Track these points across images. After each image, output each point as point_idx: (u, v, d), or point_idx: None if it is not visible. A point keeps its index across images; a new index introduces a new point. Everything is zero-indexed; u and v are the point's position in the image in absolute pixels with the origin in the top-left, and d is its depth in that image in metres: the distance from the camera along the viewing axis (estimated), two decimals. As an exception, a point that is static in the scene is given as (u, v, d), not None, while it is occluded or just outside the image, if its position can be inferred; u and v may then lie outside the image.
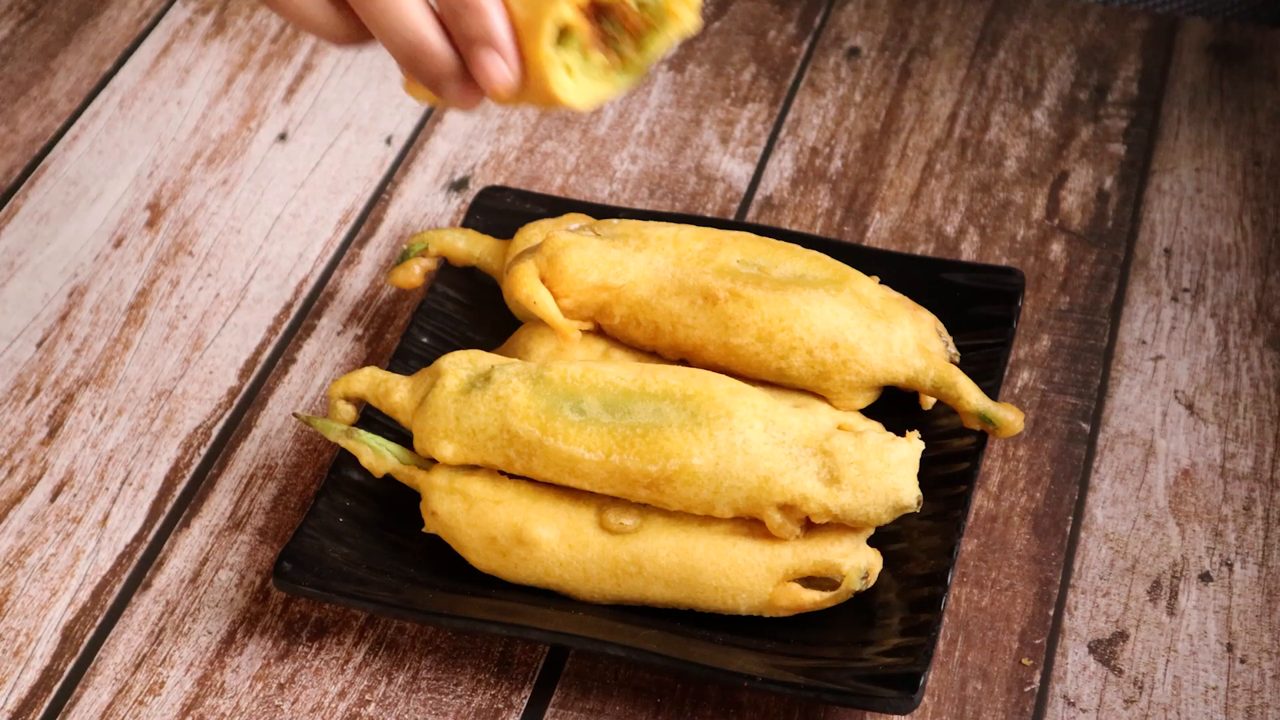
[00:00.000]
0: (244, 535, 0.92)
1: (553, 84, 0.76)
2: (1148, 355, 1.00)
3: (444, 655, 0.86)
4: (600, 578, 0.84)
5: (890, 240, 1.06)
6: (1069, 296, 1.03)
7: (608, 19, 0.78)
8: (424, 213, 1.09)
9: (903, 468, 0.83)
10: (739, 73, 1.19)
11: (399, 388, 0.88)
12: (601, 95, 0.78)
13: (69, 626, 0.88)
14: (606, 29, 0.78)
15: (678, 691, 0.85)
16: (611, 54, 0.78)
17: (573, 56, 0.77)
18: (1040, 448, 0.95)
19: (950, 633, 0.87)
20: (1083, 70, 1.18)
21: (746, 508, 0.83)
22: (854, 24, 1.22)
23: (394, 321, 1.02)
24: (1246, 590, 0.89)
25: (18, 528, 0.92)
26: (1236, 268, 1.05)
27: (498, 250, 0.98)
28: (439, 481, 0.86)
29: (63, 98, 1.17)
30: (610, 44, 0.78)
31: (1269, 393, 0.98)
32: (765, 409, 0.84)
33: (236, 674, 0.86)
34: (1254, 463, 0.94)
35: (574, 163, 1.12)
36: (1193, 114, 1.15)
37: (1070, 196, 1.09)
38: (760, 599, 0.84)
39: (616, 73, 0.79)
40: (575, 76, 0.78)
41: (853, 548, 0.84)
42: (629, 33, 0.78)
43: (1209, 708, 0.84)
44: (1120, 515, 0.92)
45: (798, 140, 1.13)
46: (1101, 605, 0.88)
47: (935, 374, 0.89)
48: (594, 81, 0.78)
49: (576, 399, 0.84)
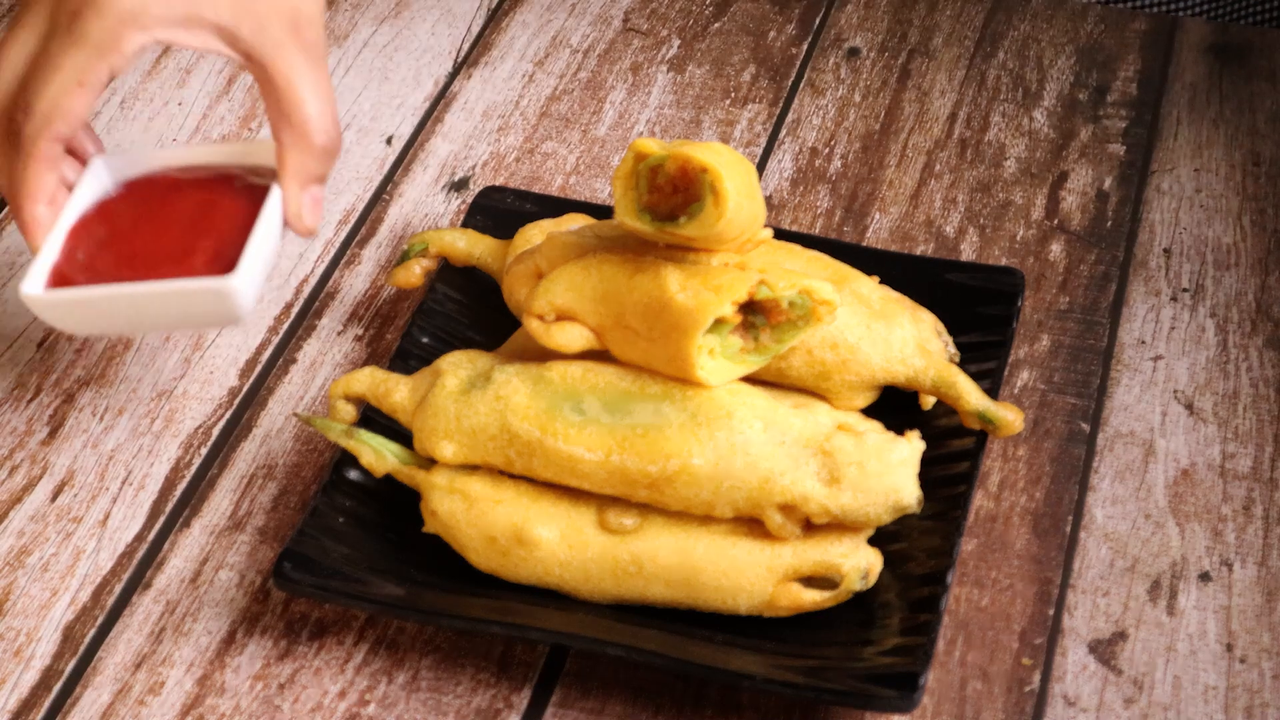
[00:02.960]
0: (244, 535, 0.92)
1: (696, 367, 0.83)
2: (1147, 355, 1.00)
3: (444, 655, 0.86)
4: (600, 578, 0.84)
5: (890, 240, 1.06)
6: (1069, 296, 1.03)
7: (755, 310, 0.84)
8: (424, 213, 1.09)
9: (903, 468, 0.83)
10: (739, 73, 1.19)
11: (399, 388, 0.88)
12: (731, 375, 0.84)
13: (69, 626, 0.88)
14: (751, 319, 0.84)
15: (678, 691, 0.85)
16: (749, 340, 0.84)
17: (716, 340, 0.83)
18: (1040, 448, 0.95)
19: (950, 633, 0.87)
20: (1082, 70, 1.18)
21: (746, 508, 0.83)
22: (854, 24, 1.22)
23: (394, 321, 1.02)
24: (1246, 590, 0.89)
25: (18, 527, 0.92)
26: (1236, 268, 1.05)
27: (498, 250, 0.98)
28: (439, 481, 0.86)
29: (63, 98, 1.17)
30: (750, 331, 0.84)
31: (1268, 393, 0.98)
32: (765, 409, 0.84)
33: (237, 674, 0.86)
34: (1253, 463, 0.94)
35: (574, 163, 1.12)
36: (1192, 114, 1.15)
37: (1070, 197, 1.09)
38: (760, 599, 0.84)
39: (750, 355, 0.84)
40: (715, 357, 0.83)
41: (853, 548, 0.84)
42: (771, 324, 0.84)
43: (1209, 707, 0.84)
44: (1120, 515, 0.92)
45: (797, 140, 1.13)
46: (1101, 605, 0.88)
47: (935, 374, 0.89)
48: (729, 362, 0.84)
49: (576, 399, 0.85)
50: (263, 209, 0.89)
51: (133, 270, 0.88)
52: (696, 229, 0.82)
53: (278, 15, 0.90)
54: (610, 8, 1.24)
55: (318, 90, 0.90)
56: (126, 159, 0.94)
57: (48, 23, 0.89)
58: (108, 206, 0.92)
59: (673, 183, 0.82)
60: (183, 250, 0.88)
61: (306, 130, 0.90)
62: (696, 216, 0.82)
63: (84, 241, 0.90)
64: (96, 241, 0.90)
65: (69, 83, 0.88)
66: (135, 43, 0.88)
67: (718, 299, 0.82)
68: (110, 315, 0.89)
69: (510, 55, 1.21)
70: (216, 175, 0.92)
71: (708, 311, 0.82)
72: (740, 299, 0.82)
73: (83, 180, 0.92)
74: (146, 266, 0.88)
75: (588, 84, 1.18)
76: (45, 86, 0.88)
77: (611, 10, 1.24)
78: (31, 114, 0.88)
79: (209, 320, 0.88)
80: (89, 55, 0.87)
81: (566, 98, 1.17)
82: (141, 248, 0.89)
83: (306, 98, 0.90)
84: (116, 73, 0.88)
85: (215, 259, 0.88)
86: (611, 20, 1.23)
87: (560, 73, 1.19)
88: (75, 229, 0.91)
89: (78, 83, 0.88)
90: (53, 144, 0.89)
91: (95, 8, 0.87)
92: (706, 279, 0.83)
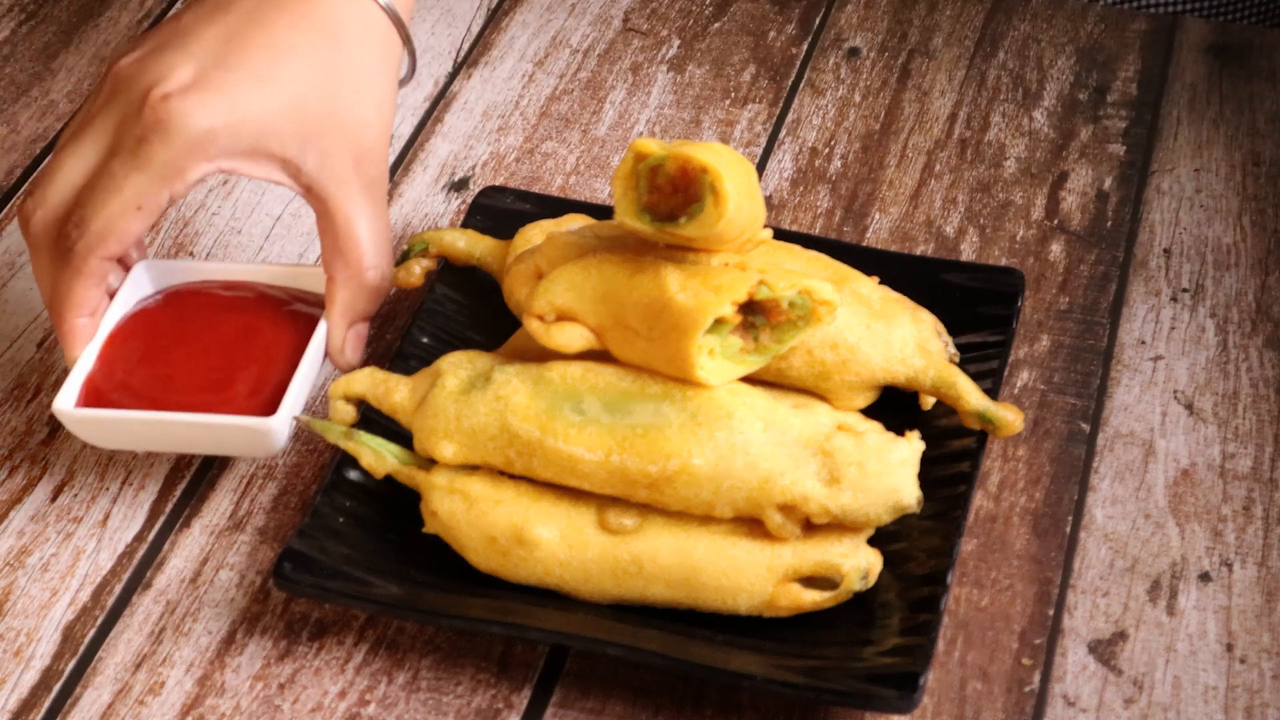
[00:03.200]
0: (244, 535, 0.92)
1: (695, 367, 0.83)
2: (1147, 355, 1.00)
3: (444, 655, 0.86)
4: (600, 578, 0.84)
5: (890, 240, 1.06)
6: (1068, 297, 1.03)
7: (755, 311, 0.84)
8: (424, 213, 1.09)
9: (903, 468, 0.83)
10: (739, 73, 1.19)
11: (399, 388, 0.88)
12: (731, 375, 0.84)
13: (69, 626, 0.88)
14: (751, 319, 0.84)
15: (678, 691, 0.85)
16: (749, 340, 0.84)
17: (716, 341, 0.83)
18: (1040, 448, 0.95)
19: (950, 633, 0.87)
20: (1082, 70, 1.18)
21: (746, 508, 0.83)
22: (854, 24, 1.22)
23: (394, 321, 1.02)
24: (1246, 590, 0.89)
25: (18, 527, 0.92)
26: (1236, 268, 1.05)
27: (498, 250, 0.98)
28: (439, 481, 0.86)
29: (63, 98, 1.17)
30: (750, 332, 0.84)
31: (1268, 393, 0.98)
32: (765, 409, 0.84)
33: (237, 674, 0.86)
34: (1253, 463, 0.94)
35: (574, 163, 1.12)
36: (1192, 114, 1.15)
37: (1070, 197, 1.09)
38: (760, 599, 0.84)
39: (750, 355, 0.84)
40: (715, 357, 0.83)
41: (853, 548, 0.84)
42: (770, 325, 0.84)
43: (1209, 708, 0.84)
44: (1120, 515, 0.92)
45: (797, 140, 1.13)
46: (1101, 605, 0.88)
47: (935, 374, 0.89)
48: (729, 362, 0.84)
49: (576, 399, 0.85)
50: (309, 346, 0.90)
51: (169, 393, 0.89)
52: (696, 229, 0.82)
53: (342, 150, 0.91)
54: (610, 8, 1.24)
55: (375, 229, 0.92)
56: (169, 267, 0.95)
57: (111, 139, 0.89)
58: (147, 317, 0.92)
59: (673, 183, 0.82)
60: (222, 379, 0.89)
61: (360, 269, 0.91)
62: (696, 217, 0.82)
63: (121, 354, 0.91)
64: (134, 356, 0.90)
65: (128, 206, 0.88)
66: (199, 171, 0.89)
67: (718, 299, 0.82)
68: (144, 438, 0.90)
69: (510, 55, 1.21)
70: (259, 297, 0.93)
71: (708, 311, 0.82)
72: (740, 299, 0.82)
73: (124, 286, 0.93)
74: (184, 391, 0.89)
75: (588, 84, 1.18)
76: (103, 206, 0.88)
77: (611, 10, 1.24)
78: (86, 231, 0.88)
79: (243, 451, 0.90)
80: (151, 180, 0.88)
81: (566, 98, 1.17)
82: (180, 370, 0.90)
83: (363, 236, 0.91)
84: (176, 199, 0.89)
85: (254, 392, 0.89)
86: (611, 20, 1.23)
87: (560, 73, 1.19)
88: (112, 337, 0.91)
89: (137, 206, 0.88)
90: (103, 262, 0.89)
91: (163, 134, 0.87)
92: (706, 279, 0.83)
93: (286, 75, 0.89)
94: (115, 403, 0.89)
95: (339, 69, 0.91)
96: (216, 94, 0.88)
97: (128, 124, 0.88)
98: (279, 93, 0.89)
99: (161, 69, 0.88)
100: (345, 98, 0.91)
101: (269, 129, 0.89)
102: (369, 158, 0.92)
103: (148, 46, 0.90)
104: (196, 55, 0.89)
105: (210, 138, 0.88)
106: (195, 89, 0.88)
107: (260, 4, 0.90)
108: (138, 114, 0.87)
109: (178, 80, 0.88)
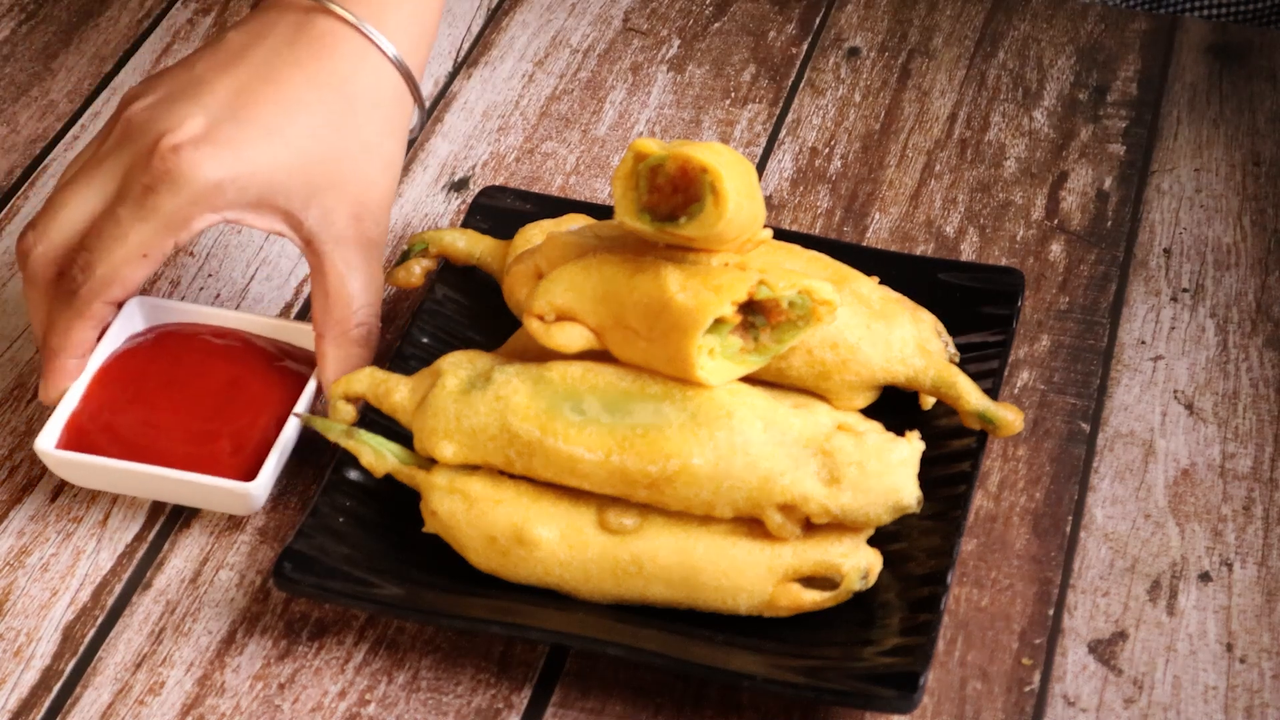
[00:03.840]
0: (244, 535, 0.92)
1: (695, 367, 0.83)
2: (1147, 355, 1.00)
3: (444, 655, 0.86)
4: (600, 578, 0.84)
5: (890, 240, 1.06)
6: (1068, 296, 1.03)
7: (755, 310, 0.84)
8: (424, 213, 1.09)
9: (903, 468, 0.83)
10: (739, 73, 1.19)
11: (399, 388, 0.88)
12: (731, 375, 0.84)
13: (69, 626, 0.88)
14: (751, 319, 0.84)
15: (678, 691, 0.85)
16: (749, 340, 0.84)
17: (716, 340, 0.83)
18: (1040, 448, 0.95)
19: (950, 632, 0.87)
20: (1082, 70, 1.18)
21: (746, 508, 0.83)
22: (854, 24, 1.22)
23: (394, 321, 1.02)
24: (1246, 590, 0.89)
25: (18, 527, 0.92)
26: (1236, 268, 1.05)
27: (498, 250, 0.98)
28: (439, 481, 0.86)
29: (63, 98, 1.17)
30: (750, 331, 0.84)
31: (1268, 393, 0.98)
32: (765, 409, 0.84)
33: (237, 674, 0.86)
34: (1253, 463, 0.94)
35: (574, 163, 1.12)
36: (1192, 114, 1.15)
37: (1070, 197, 1.09)
38: (760, 599, 0.84)
39: (750, 355, 0.84)
40: (715, 357, 0.83)
41: (853, 548, 0.84)
42: (770, 324, 0.84)
43: (1209, 707, 0.84)
44: (1120, 515, 0.92)
45: (797, 140, 1.13)
46: (1101, 605, 0.88)
47: (935, 374, 0.89)
48: (729, 362, 0.84)
49: (576, 399, 0.85)
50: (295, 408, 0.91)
51: (150, 441, 0.89)
52: (696, 229, 0.82)
53: (344, 208, 0.92)
54: (610, 8, 1.24)
55: (367, 286, 0.92)
56: (161, 306, 0.95)
57: (118, 184, 0.89)
58: (135, 356, 0.92)
59: (673, 183, 0.82)
60: (208, 431, 0.90)
61: (347, 326, 0.92)
62: (696, 216, 0.82)
63: (107, 394, 0.91)
64: (119, 398, 0.91)
65: (133, 254, 0.89)
66: (205, 222, 0.90)
67: (717, 299, 0.82)
68: (124, 485, 0.90)
69: (510, 55, 1.21)
70: (248, 347, 0.93)
71: (708, 311, 0.82)
72: (740, 299, 0.82)
73: (114, 324, 0.93)
74: (169, 441, 0.89)
75: (588, 84, 1.18)
76: (109, 253, 0.89)
77: (611, 10, 1.24)
78: (90, 276, 0.89)
79: (221, 508, 0.90)
80: (157, 230, 0.89)
81: (566, 98, 1.17)
82: (165, 418, 0.90)
83: (354, 293, 0.92)
84: (180, 247, 0.90)
85: (237, 450, 0.89)
86: (611, 20, 1.23)
87: (560, 73, 1.19)
88: (100, 375, 0.92)
89: (142, 254, 0.89)
90: (105, 306, 0.90)
91: (170, 185, 0.88)
92: (706, 279, 0.83)
93: (295, 131, 0.90)
94: (99, 445, 0.89)
95: (348, 127, 0.92)
96: (226, 147, 0.89)
97: (136, 171, 0.89)
98: (287, 148, 0.90)
99: (173, 119, 0.89)
100: (353, 156, 0.92)
101: (276, 183, 0.90)
102: (370, 217, 0.93)
103: (160, 93, 0.91)
104: (208, 106, 0.90)
105: (218, 190, 0.89)
106: (206, 141, 0.88)
107: (274, 58, 0.91)
108: (147, 162, 0.88)
109: (188, 131, 0.88)
